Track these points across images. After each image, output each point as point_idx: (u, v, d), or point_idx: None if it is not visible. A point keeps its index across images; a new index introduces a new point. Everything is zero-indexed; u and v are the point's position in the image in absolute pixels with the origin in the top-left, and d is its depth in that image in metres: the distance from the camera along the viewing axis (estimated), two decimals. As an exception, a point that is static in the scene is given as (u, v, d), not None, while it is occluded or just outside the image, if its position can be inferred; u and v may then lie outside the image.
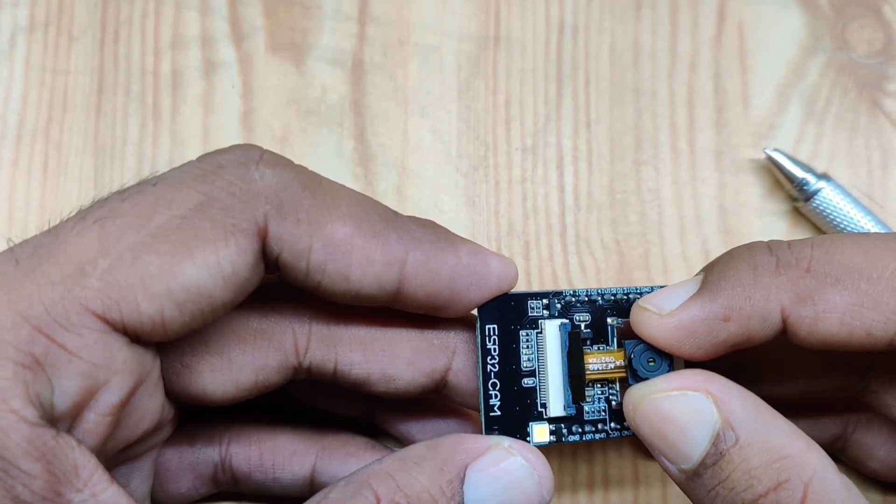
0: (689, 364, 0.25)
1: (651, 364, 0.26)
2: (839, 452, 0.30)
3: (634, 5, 0.35)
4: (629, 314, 0.26)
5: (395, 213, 0.25)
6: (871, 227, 0.32)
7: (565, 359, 0.26)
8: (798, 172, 0.33)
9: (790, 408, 0.26)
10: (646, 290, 0.27)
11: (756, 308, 0.24)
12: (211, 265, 0.22)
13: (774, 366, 0.27)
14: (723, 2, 0.35)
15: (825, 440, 0.29)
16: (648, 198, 0.34)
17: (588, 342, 0.27)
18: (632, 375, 0.26)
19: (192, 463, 0.28)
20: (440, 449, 0.24)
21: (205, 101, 0.34)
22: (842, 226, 0.32)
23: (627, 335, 0.26)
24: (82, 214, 0.22)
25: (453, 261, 0.25)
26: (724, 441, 0.23)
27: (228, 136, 0.34)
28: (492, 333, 0.26)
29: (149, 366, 0.23)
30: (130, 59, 0.34)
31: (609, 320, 0.27)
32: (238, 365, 0.25)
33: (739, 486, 0.22)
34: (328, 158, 0.34)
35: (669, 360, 0.26)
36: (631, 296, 0.27)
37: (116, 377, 0.22)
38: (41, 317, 0.21)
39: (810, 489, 0.22)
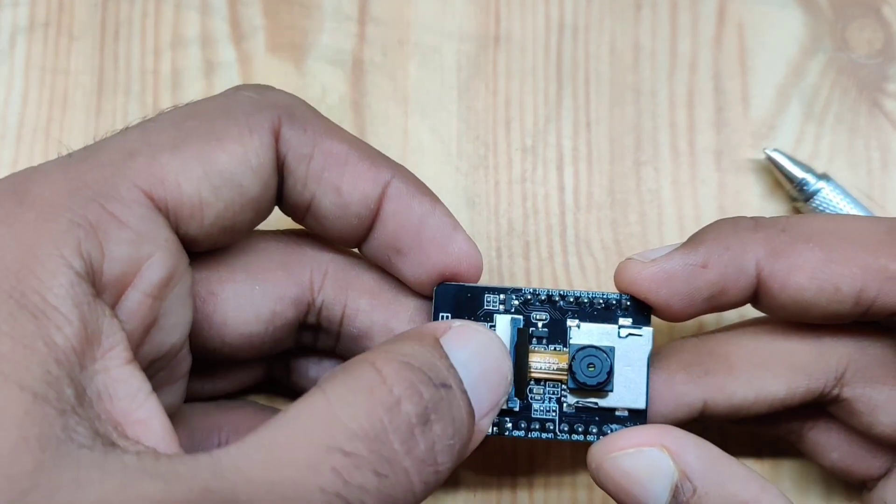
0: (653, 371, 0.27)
1: (590, 369, 0.26)
2: (794, 444, 0.30)
3: (634, 6, 0.35)
4: (591, 317, 0.27)
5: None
6: (871, 227, 0.32)
7: (513, 353, 0.27)
8: (798, 173, 0.33)
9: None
10: (612, 295, 0.27)
11: (733, 257, 0.26)
12: (239, 154, 0.24)
13: (748, 373, 0.28)
14: (723, 2, 0.35)
15: (780, 434, 0.30)
16: (648, 198, 0.34)
17: (544, 340, 0.27)
18: (571, 378, 0.26)
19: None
20: (410, 332, 0.24)
21: (205, 101, 0.34)
22: (842, 226, 0.32)
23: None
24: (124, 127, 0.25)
25: (428, 207, 0.27)
26: (682, 492, 0.24)
27: (228, 135, 0.34)
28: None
29: (184, 264, 0.24)
30: (130, 59, 0.34)
31: (569, 322, 0.27)
32: (259, 292, 0.27)
33: None
34: (328, 158, 0.34)
35: (609, 367, 0.26)
36: (595, 300, 0.27)
37: (160, 253, 0.23)
38: (95, 188, 0.22)
39: None
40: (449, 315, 0.27)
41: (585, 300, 0.27)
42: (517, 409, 0.27)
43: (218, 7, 0.35)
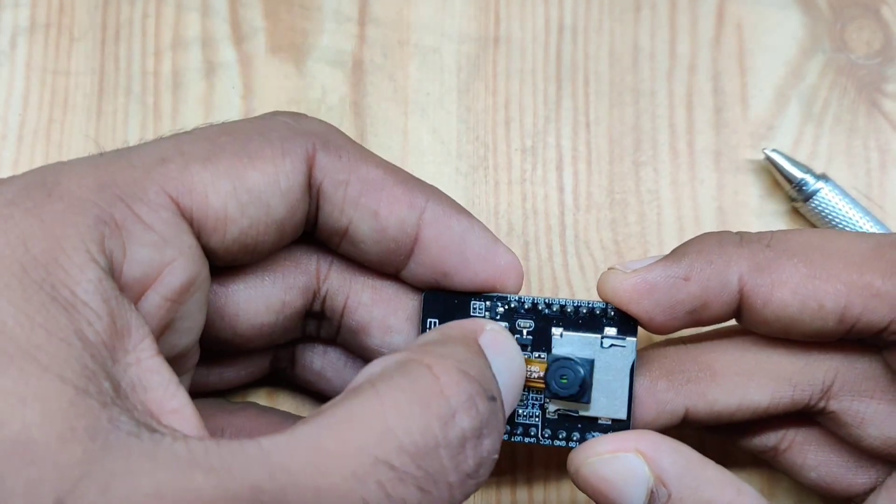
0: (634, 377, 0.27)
1: (563, 381, 0.26)
2: (769, 462, 0.30)
3: (634, 6, 0.35)
4: (575, 326, 0.27)
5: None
6: (870, 227, 0.32)
7: None
8: (797, 173, 0.33)
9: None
10: (598, 304, 0.27)
11: (716, 271, 0.26)
12: (270, 175, 0.24)
13: (731, 381, 0.28)
14: (722, 3, 0.35)
15: (756, 449, 0.30)
16: (647, 198, 0.34)
17: (528, 348, 0.27)
18: (547, 388, 0.27)
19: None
20: (451, 330, 0.25)
21: (205, 102, 0.34)
22: (840, 226, 0.33)
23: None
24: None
25: (466, 225, 0.27)
26: (658, 497, 0.24)
27: (229, 136, 0.34)
28: (430, 327, 0.27)
29: (205, 271, 0.24)
30: (131, 60, 0.34)
31: (553, 330, 0.27)
32: (270, 283, 0.27)
33: None
34: (328, 159, 0.34)
35: (583, 380, 0.26)
36: (581, 308, 0.27)
37: (182, 258, 0.23)
38: (123, 187, 0.23)
39: None
40: (436, 321, 0.27)
41: (570, 309, 0.27)
42: None
43: (218, 8, 0.35)
